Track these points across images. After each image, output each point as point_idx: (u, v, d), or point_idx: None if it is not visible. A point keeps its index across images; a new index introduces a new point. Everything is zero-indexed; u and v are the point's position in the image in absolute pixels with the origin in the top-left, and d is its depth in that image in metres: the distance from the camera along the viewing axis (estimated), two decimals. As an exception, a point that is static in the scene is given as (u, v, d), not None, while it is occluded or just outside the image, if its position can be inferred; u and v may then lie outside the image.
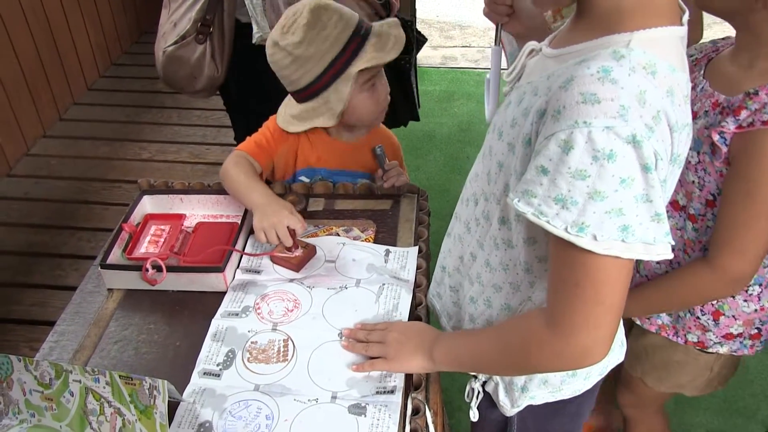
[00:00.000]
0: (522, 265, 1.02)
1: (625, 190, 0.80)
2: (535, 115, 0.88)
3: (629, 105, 0.78)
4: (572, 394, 1.16)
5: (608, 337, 0.90)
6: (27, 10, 3.34)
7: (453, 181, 3.30)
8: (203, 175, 3.19)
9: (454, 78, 4.22)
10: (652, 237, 0.82)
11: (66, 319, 1.32)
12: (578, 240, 0.82)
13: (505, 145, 0.97)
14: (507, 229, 1.02)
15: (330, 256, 1.40)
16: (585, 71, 0.81)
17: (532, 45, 1.02)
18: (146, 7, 4.51)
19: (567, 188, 0.82)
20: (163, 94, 3.80)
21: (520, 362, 1.01)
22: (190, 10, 2.02)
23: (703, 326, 1.36)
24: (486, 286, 1.10)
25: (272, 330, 1.24)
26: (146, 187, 1.59)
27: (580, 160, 0.80)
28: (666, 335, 1.41)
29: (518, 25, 1.21)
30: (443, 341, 1.12)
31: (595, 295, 0.86)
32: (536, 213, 0.85)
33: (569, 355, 0.92)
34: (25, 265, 2.70)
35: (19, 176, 3.22)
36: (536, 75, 0.96)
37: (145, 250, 1.43)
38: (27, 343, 2.35)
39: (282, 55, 1.46)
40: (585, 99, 0.79)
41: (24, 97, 3.33)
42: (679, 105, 0.85)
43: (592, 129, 0.78)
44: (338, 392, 1.12)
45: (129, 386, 1.04)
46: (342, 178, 1.65)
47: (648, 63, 0.81)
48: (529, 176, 0.86)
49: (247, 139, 1.59)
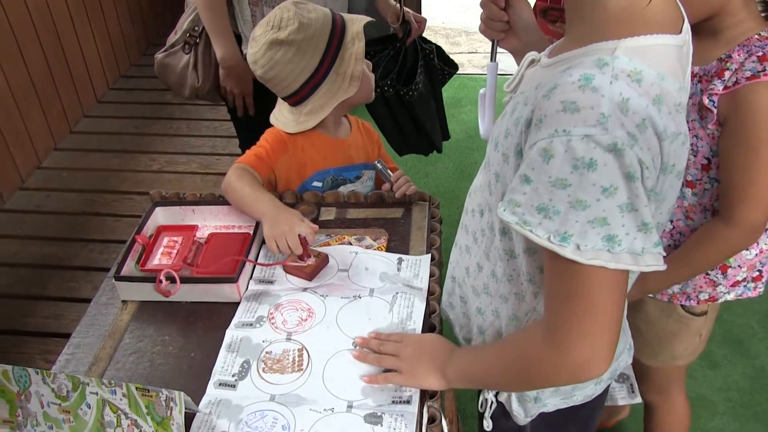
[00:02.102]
0: (525, 275, 1.02)
1: (608, 199, 0.79)
2: (523, 125, 0.88)
3: (610, 113, 0.77)
4: (584, 400, 1.16)
5: (607, 349, 0.88)
6: (37, 23, 3.37)
7: (462, 187, 3.29)
8: (213, 186, 3.20)
9: (461, 84, 4.23)
10: (639, 247, 0.81)
11: (81, 331, 1.32)
12: (561, 249, 0.82)
13: (500, 155, 0.97)
14: (508, 240, 1.02)
15: (343, 265, 1.40)
16: (567, 79, 0.81)
17: (533, 55, 1.01)
18: (154, 19, 4.54)
19: (548, 197, 0.82)
20: (171, 105, 3.82)
21: (525, 378, 1.00)
22: (188, 18, 2.06)
23: (713, 282, 1.42)
24: (494, 297, 1.11)
25: (287, 340, 1.24)
26: (158, 199, 1.60)
27: (560, 169, 0.80)
28: (679, 302, 1.47)
29: (515, 41, 1.20)
30: (455, 359, 1.11)
31: (589, 307, 0.85)
32: (520, 222, 0.85)
33: (568, 370, 0.91)
34: (39, 278, 2.72)
35: (32, 189, 3.24)
36: (529, 85, 0.96)
37: (158, 262, 1.44)
38: (42, 355, 2.35)
39: (284, 50, 1.48)
40: (565, 107, 0.79)
41: (35, 111, 3.35)
42: (669, 113, 0.83)
43: (572, 138, 0.78)
44: (354, 402, 1.12)
45: (146, 398, 1.05)
46: (348, 173, 1.68)
47: (633, 71, 0.80)
48: (514, 185, 0.86)
49: (246, 152, 1.61)
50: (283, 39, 1.46)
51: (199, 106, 3.60)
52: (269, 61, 1.49)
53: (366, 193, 1.61)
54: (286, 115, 1.60)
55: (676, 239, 1.39)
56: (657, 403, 1.73)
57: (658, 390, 1.69)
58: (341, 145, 1.67)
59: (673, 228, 1.38)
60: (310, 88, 1.53)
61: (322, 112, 1.55)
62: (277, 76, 1.51)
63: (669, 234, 1.39)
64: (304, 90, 1.53)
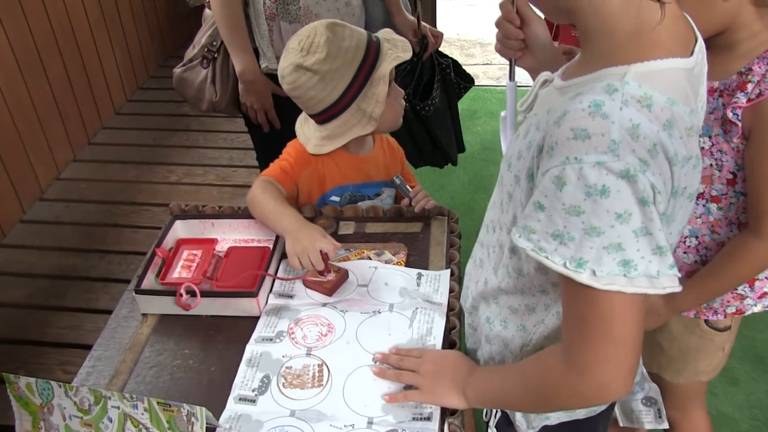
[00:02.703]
0: (537, 288, 1.02)
1: (622, 225, 0.79)
2: (535, 150, 0.89)
3: (621, 139, 0.78)
4: (587, 414, 1.16)
5: (626, 372, 0.88)
6: (59, 38, 3.42)
7: (477, 200, 3.30)
8: (230, 198, 3.22)
9: (476, 96, 4.23)
10: (655, 270, 0.81)
11: (102, 344, 1.33)
12: (577, 276, 0.82)
13: (512, 176, 0.98)
14: (517, 259, 1.02)
15: (362, 281, 1.41)
16: (577, 106, 0.81)
17: (546, 75, 1.01)
18: (172, 32, 4.59)
19: (563, 224, 0.82)
20: (189, 117, 3.86)
21: (543, 401, 1.00)
22: (206, 33, 2.08)
23: (741, 295, 1.42)
24: (503, 307, 1.11)
25: (307, 355, 1.24)
26: (178, 212, 1.61)
27: (574, 196, 0.80)
28: (705, 317, 1.46)
29: (531, 59, 1.20)
30: (475, 379, 1.11)
31: (605, 331, 0.85)
32: (536, 249, 0.86)
33: (587, 392, 0.91)
34: (57, 288, 2.74)
35: (51, 200, 3.27)
36: (543, 107, 0.96)
37: (178, 275, 1.44)
38: (60, 366, 2.37)
39: (308, 76, 1.47)
40: (576, 135, 0.79)
41: (55, 123, 3.39)
42: (680, 138, 0.83)
43: (583, 165, 0.78)
44: (374, 418, 1.12)
45: (167, 413, 1.05)
46: (367, 190, 1.68)
47: (643, 96, 0.80)
48: (528, 212, 0.87)
49: (271, 165, 1.61)
50: (308, 66, 1.46)
51: (216, 118, 3.63)
52: (294, 81, 1.50)
53: (384, 208, 1.61)
54: (309, 131, 1.60)
55: (703, 254, 1.38)
56: (678, 421, 1.72)
57: (680, 407, 1.68)
58: (362, 161, 1.67)
59: (699, 243, 1.37)
60: (330, 115, 1.53)
61: (338, 141, 1.55)
62: (300, 96, 1.52)
63: (695, 249, 1.38)
64: (325, 114, 1.53)
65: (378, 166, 1.72)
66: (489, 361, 1.19)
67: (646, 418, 1.57)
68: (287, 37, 1.96)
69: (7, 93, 3.02)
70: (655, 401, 1.57)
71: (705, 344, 1.51)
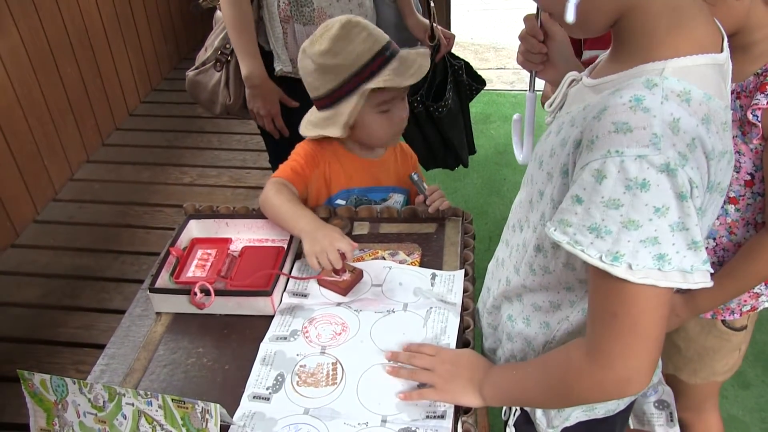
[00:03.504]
0: (563, 284, 1.03)
1: (659, 219, 0.80)
2: (571, 146, 0.90)
3: (662, 133, 0.78)
4: (605, 414, 1.16)
5: (648, 366, 0.89)
6: (74, 40, 3.44)
7: (491, 203, 3.29)
8: (244, 199, 3.23)
9: (490, 100, 4.23)
10: (689, 265, 0.82)
11: (116, 342, 1.33)
12: (613, 269, 0.82)
13: (544, 174, 0.99)
14: (543, 257, 1.02)
15: (377, 280, 1.40)
16: (617, 100, 0.82)
17: (573, 75, 1.03)
18: (185, 34, 4.61)
19: (601, 217, 0.82)
20: (202, 119, 3.87)
21: (564, 394, 1.00)
22: (218, 36, 2.08)
23: (757, 294, 1.43)
24: (526, 305, 1.11)
25: (321, 353, 1.24)
26: (192, 212, 1.61)
27: (613, 190, 0.80)
28: (722, 317, 1.46)
29: (553, 72, 1.21)
30: (492, 377, 1.11)
31: (633, 325, 0.86)
32: (571, 242, 0.86)
33: (609, 386, 0.92)
34: (71, 289, 2.75)
35: (65, 200, 3.29)
36: (575, 105, 0.97)
37: (192, 274, 1.44)
38: (73, 365, 2.38)
39: (307, 62, 1.51)
40: (617, 128, 0.80)
41: (69, 123, 3.42)
42: (717, 132, 0.84)
43: (625, 158, 0.79)
44: (388, 416, 1.11)
45: (181, 410, 1.05)
46: (375, 194, 1.67)
47: (682, 91, 0.81)
48: (565, 205, 0.87)
49: (281, 166, 1.61)
50: (309, 54, 1.50)
51: (230, 120, 3.64)
52: (300, 61, 1.55)
53: (399, 208, 1.61)
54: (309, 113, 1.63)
55: (720, 255, 1.38)
56: (692, 422, 1.71)
57: (694, 408, 1.67)
58: (371, 165, 1.67)
59: (717, 245, 1.37)
60: (319, 105, 1.57)
61: (315, 131, 1.57)
62: (302, 78, 1.57)
63: (712, 251, 1.38)
64: (316, 102, 1.58)
65: (388, 171, 1.71)
66: (510, 359, 1.19)
67: (658, 421, 1.57)
68: (301, 39, 1.96)
69: (21, 93, 3.04)
70: (667, 404, 1.57)
71: (722, 344, 1.51)
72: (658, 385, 1.57)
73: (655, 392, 1.58)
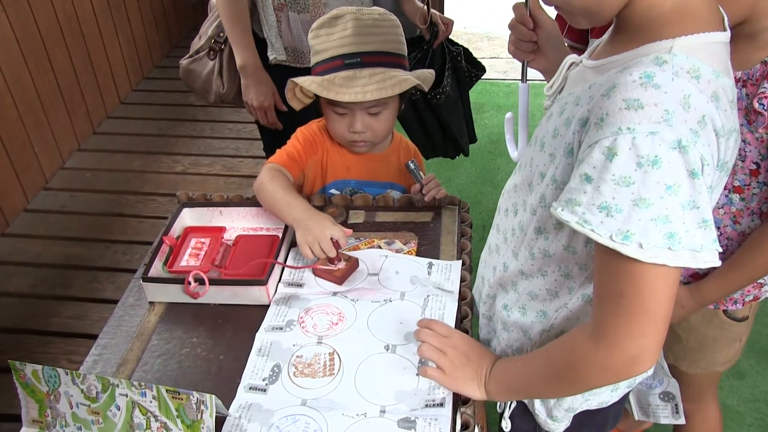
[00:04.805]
0: (562, 270, 1.02)
1: (671, 197, 0.79)
2: (577, 125, 0.88)
3: (673, 110, 0.77)
4: (599, 406, 1.16)
5: (655, 346, 0.88)
6: (64, 28, 3.40)
7: (485, 192, 3.28)
8: (237, 188, 3.21)
9: (483, 89, 4.21)
10: (699, 244, 0.81)
11: (108, 332, 1.31)
12: (623, 248, 0.81)
13: (546, 155, 0.97)
14: (543, 239, 1.01)
15: (373, 269, 1.39)
16: (627, 78, 0.81)
17: (572, 58, 1.03)
18: (177, 22, 4.57)
19: (611, 195, 0.81)
20: (194, 107, 3.84)
21: (570, 380, 0.99)
22: (212, 24, 2.06)
23: (761, 284, 1.42)
24: (521, 294, 1.10)
25: (317, 343, 1.23)
26: (185, 200, 1.59)
27: (625, 167, 0.79)
28: (725, 307, 1.45)
29: (543, 61, 1.21)
30: (496, 372, 1.10)
31: (641, 305, 0.85)
32: (581, 222, 0.85)
33: (616, 366, 0.91)
34: (63, 278, 2.73)
35: (56, 189, 3.26)
36: (578, 86, 0.96)
37: (186, 263, 1.42)
38: (65, 355, 2.36)
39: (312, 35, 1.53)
40: (628, 105, 0.79)
41: (60, 111, 3.38)
42: (725, 110, 0.84)
43: (636, 135, 0.78)
44: (387, 406, 1.10)
45: (176, 401, 1.04)
46: (371, 189, 1.65)
47: (692, 67, 0.80)
48: (573, 185, 0.86)
49: (278, 151, 1.59)
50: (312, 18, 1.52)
51: (223, 109, 3.62)
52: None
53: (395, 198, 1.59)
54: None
55: (724, 245, 1.36)
56: (691, 412, 1.70)
57: (694, 398, 1.66)
58: (371, 159, 1.65)
59: (721, 234, 1.35)
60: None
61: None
62: None
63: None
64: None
65: (389, 166, 1.69)
66: (506, 349, 1.18)
67: (663, 413, 1.56)
68: (296, 28, 1.93)
69: (11, 81, 3.00)
70: (673, 396, 1.56)
71: (723, 335, 1.50)
72: (663, 376, 1.56)
73: (660, 384, 1.57)
